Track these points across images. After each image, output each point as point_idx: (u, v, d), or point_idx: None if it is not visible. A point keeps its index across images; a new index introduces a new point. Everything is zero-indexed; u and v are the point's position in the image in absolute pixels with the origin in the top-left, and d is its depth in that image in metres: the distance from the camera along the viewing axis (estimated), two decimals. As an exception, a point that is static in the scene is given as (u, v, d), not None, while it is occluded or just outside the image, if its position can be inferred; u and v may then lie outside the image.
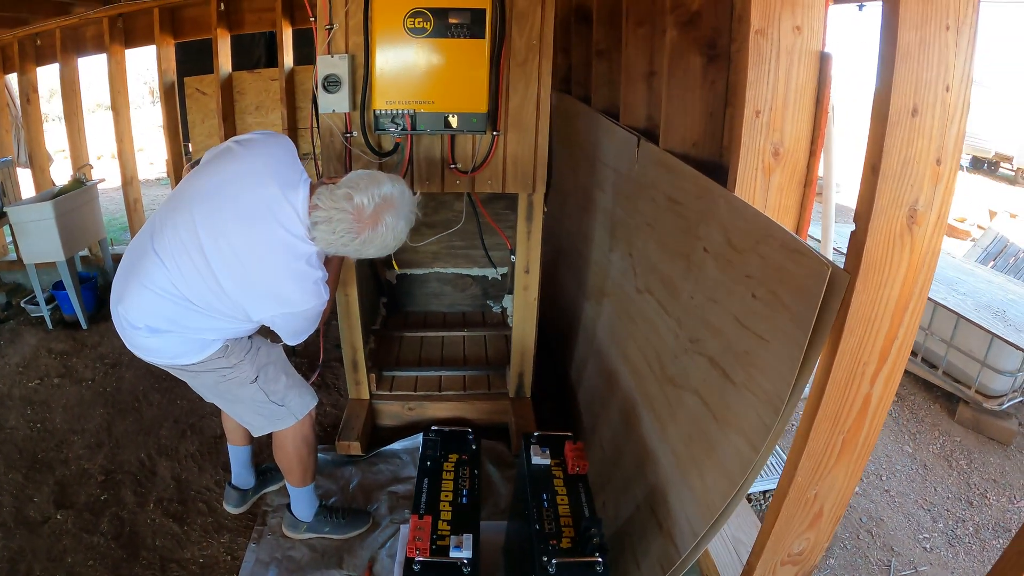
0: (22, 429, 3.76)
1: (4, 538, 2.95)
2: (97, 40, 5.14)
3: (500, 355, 3.52)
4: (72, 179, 5.05)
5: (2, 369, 4.48)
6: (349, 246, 1.92)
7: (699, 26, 2.26)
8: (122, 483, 3.17)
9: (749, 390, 1.65)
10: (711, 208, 1.94)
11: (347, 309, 3.04)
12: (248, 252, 1.87)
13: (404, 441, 3.13)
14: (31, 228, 4.61)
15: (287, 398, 2.32)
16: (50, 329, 4.97)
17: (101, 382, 4.15)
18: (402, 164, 2.66)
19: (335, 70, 2.51)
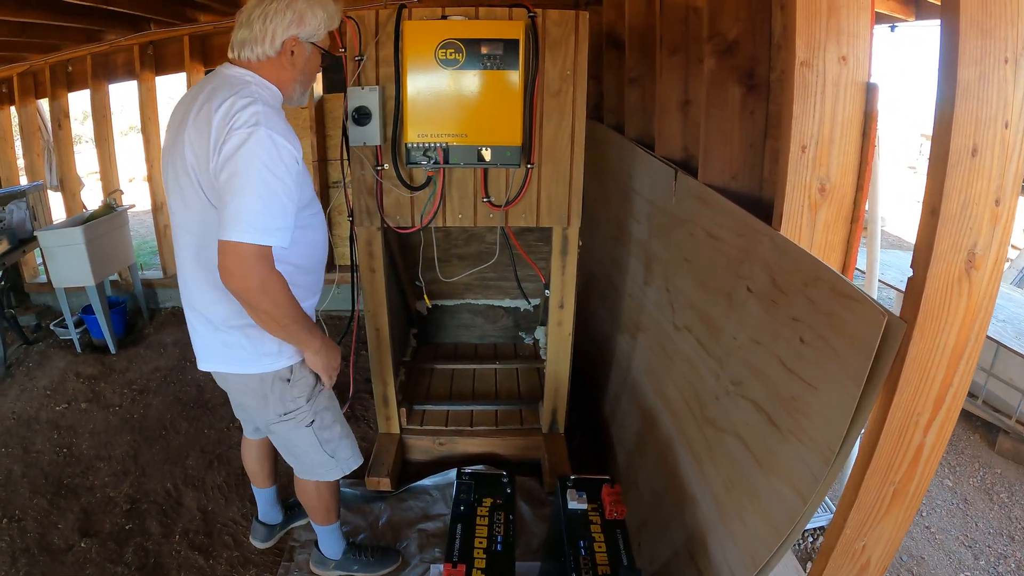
0: (48, 454, 3.79)
1: (28, 565, 2.96)
2: (128, 67, 5.26)
3: (532, 389, 3.49)
4: (103, 204, 5.15)
5: (30, 392, 4.55)
6: (288, 26, 1.87)
7: (737, 55, 2.24)
8: (148, 513, 3.18)
9: (796, 437, 1.60)
10: (754, 246, 1.90)
11: (378, 343, 3.03)
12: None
13: (435, 477, 3.09)
14: (61, 252, 4.70)
15: (338, 449, 2.28)
16: (79, 353, 5.04)
17: (128, 408, 4.18)
18: (435, 198, 2.66)
19: (365, 102, 2.51)
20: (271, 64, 1.90)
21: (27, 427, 4.12)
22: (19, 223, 5.15)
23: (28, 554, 3.04)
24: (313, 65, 2.00)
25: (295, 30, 1.87)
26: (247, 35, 1.87)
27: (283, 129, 1.76)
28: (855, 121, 1.90)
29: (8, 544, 3.11)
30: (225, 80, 1.85)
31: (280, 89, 1.94)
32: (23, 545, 3.10)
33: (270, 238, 1.69)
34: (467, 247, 3.31)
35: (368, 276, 2.90)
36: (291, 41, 1.88)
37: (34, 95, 5.82)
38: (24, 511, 3.34)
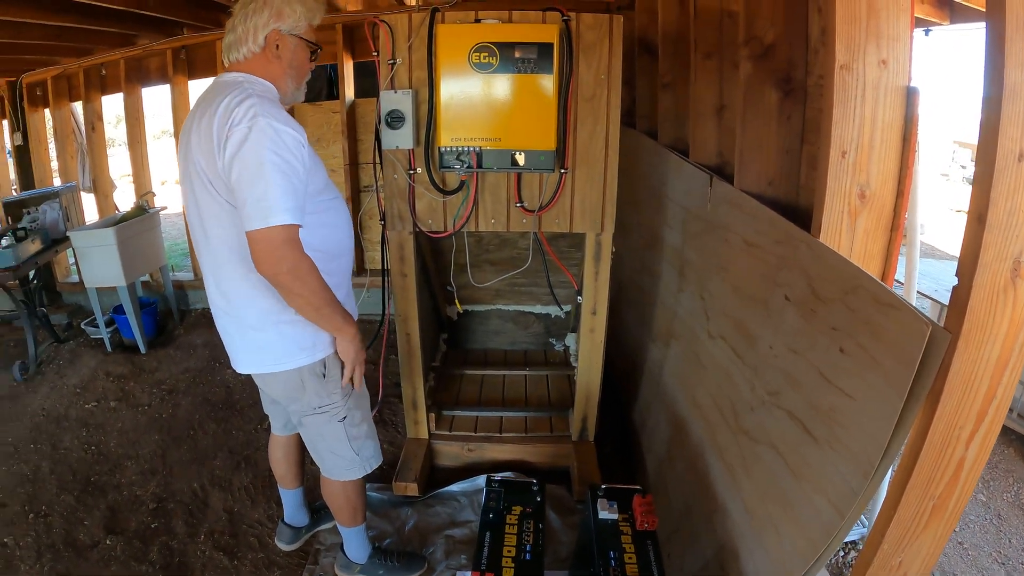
0: (77, 451, 3.86)
1: (52, 560, 3.02)
2: (161, 71, 5.36)
3: (563, 396, 3.49)
4: (135, 206, 5.26)
5: (60, 389, 4.65)
6: (267, 21, 1.95)
7: (773, 59, 2.23)
8: (174, 512, 3.22)
9: (833, 449, 1.59)
10: (792, 254, 1.89)
11: (408, 348, 3.05)
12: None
13: (463, 483, 3.10)
14: (93, 253, 4.80)
15: (363, 448, 2.34)
16: (109, 352, 5.14)
17: (157, 408, 4.24)
18: (468, 202, 2.68)
19: (398, 106, 2.53)
20: (258, 60, 1.99)
21: (56, 424, 4.20)
22: (52, 223, 5.26)
23: (53, 550, 3.09)
24: (300, 58, 2.05)
25: (275, 23, 1.95)
26: (232, 38, 1.98)
27: (281, 116, 1.82)
28: (895, 126, 1.88)
29: (34, 539, 3.17)
30: (220, 86, 1.93)
31: (273, 84, 2.00)
32: (49, 541, 3.15)
33: (292, 217, 1.76)
34: (499, 252, 3.31)
35: (399, 281, 2.92)
36: (273, 35, 1.96)
37: (68, 98, 5.97)
38: (51, 507, 3.40)
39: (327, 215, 2.06)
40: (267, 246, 1.74)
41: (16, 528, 3.30)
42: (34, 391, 4.72)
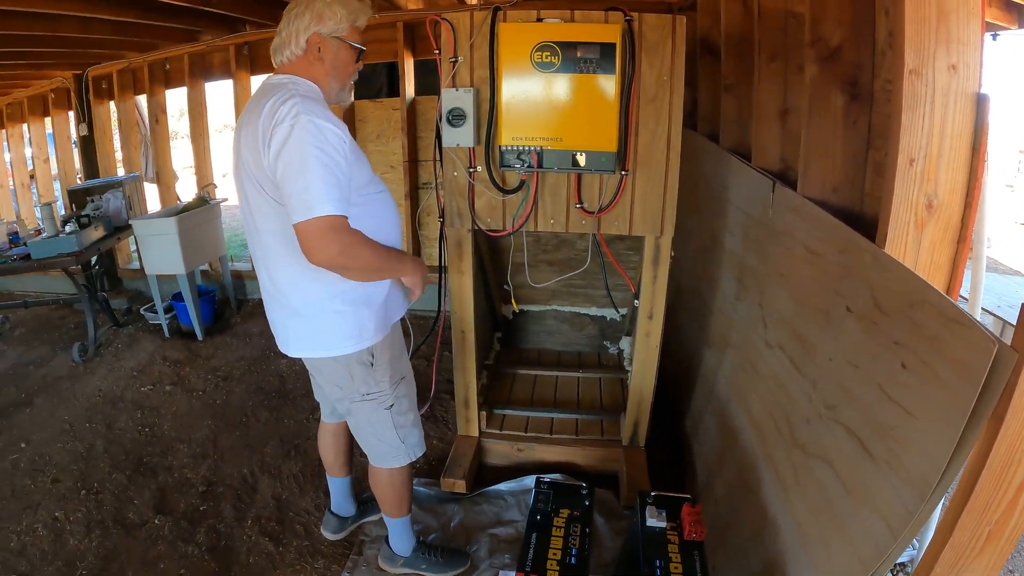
0: (131, 432, 4.01)
1: (101, 536, 3.14)
2: (224, 66, 5.52)
3: (615, 400, 3.49)
4: (197, 197, 5.45)
5: (118, 371, 4.84)
6: (308, 25, 2.02)
7: (840, 62, 2.19)
8: (223, 496, 3.31)
9: (891, 467, 1.56)
10: (856, 263, 1.86)
11: (463, 346, 3.09)
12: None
13: (510, 483, 3.12)
14: (154, 241, 4.99)
15: (408, 437, 2.40)
16: (166, 337, 5.33)
17: (212, 394, 4.37)
18: (527, 202, 2.70)
19: (460, 104, 2.56)
20: (302, 62, 2.07)
21: (112, 405, 4.38)
22: (115, 211, 5.46)
23: (102, 526, 3.21)
24: (342, 59, 2.11)
25: (316, 27, 2.03)
26: (278, 42, 2.09)
27: (323, 113, 1.90)
28: (965, 134, 1.84)
29: (84, 515, 3.30)
30: (267, 87, 2.02)
31: (317, 85, 2.07)
32: (99, 517, 3.28)
33: (335, 208, 1.83)
34: (556, 252, 3.32)
35: (456, 278, 2.96)
36: (315, 38, 2.04)
37: (132, 91, 6.21)
38: (103, 485, 3.54)
39: (373, 207, 2.12)
40: (314, 236, 1.82)
41: (67, 503, 3.44)
42: (92, 372, 4.92)
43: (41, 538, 3.22)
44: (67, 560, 3.04)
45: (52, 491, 3.58)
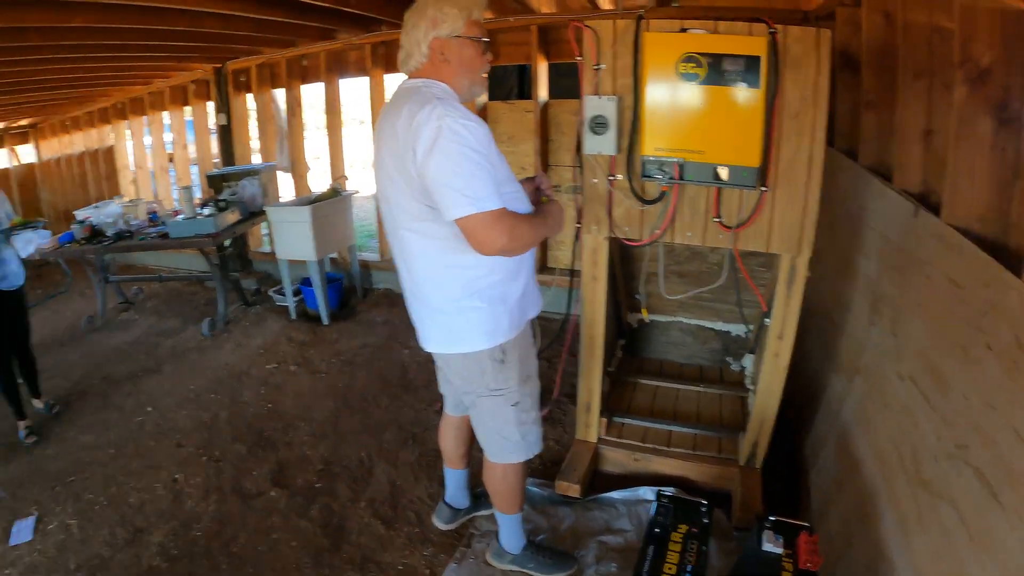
0: (254, 406, 4.28)
1: (218, 501, 3.37)
2: (359, 64, 5.77)
3: (734, 417, 3.45)
4: (329, 188, 5.75)
5: (245, 348, 5.18)
6: (426, 33, 2.11)
7: (989, 84, 2.10)
8: (339, 476, 3.47)
9: (1020, 518, 1.50)
10: (1000, 299, 1.80)
11: (591, 352, 3.12)
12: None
13: (624, 492, 3.12)
14: (288, 228, 5.31)
15: (528, 434, 2.47)
16: (293, 319, 5.64)
17: (335, 377, 4.58)
18: (666, 213, 2.71)
19: (603, 111, 2.61)
20: (430, 68, 2.16)
21: (237, 380, 4.69)
22: (251, 198, 5.84)
23: (220, 492, 3.45)
24: (468, 55, 2.17)
25: (433, 32, 2.11)
26: (403, 54, 2.21)
27: (465, 113, 1.99)
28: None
29: (203, 480, 3.56)
30: (403, 92, 2.14)
31: (448, 85, 2.16)
32: (217, 484, 3.52)
33: (495, 202, 1.95)
34: (688, 264, 3.31)
35: (589, 284, 3.01)
36: (436, 43, 2.13)
37: (270, 84, 6.58)
38: (223, 453, 3.79)
39: (510, 206, 2.15)
40: (483, 229, 1.94)
41: (188, 467, 3.71)
42: (219, 347, 5.31)
43: (160, 497, 3.48)
44: (183, 520, 3.28)
45: (174, 455, 3.87)
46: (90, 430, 4.34)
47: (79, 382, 5.19)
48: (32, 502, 3.65)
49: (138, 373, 5.13)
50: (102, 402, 4.74)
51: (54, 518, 3.47)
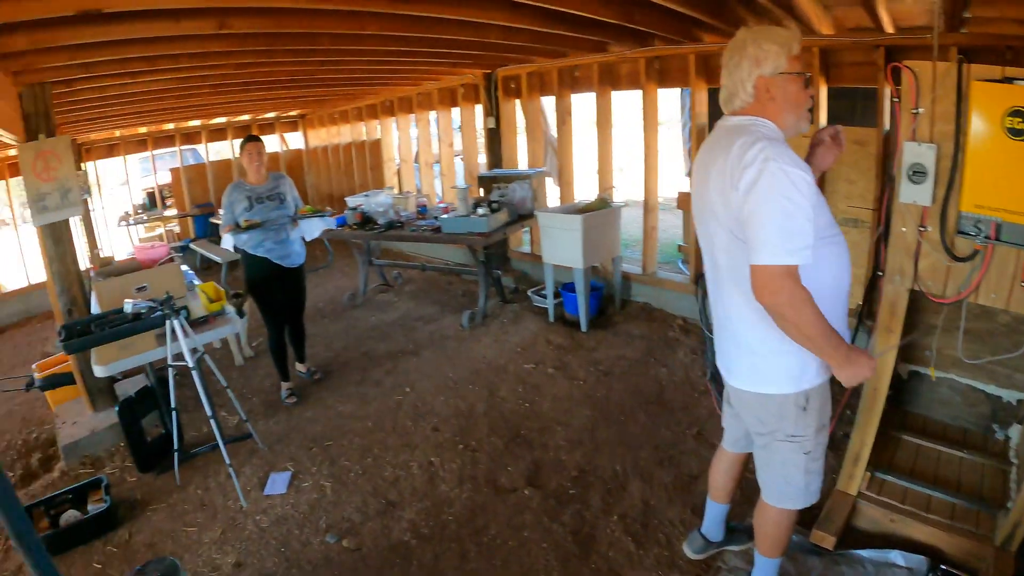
0: (511, 403, 4.51)
1: (472, 490, 3.58)
2: (631, 77, 5.85)
3: (994, 491, 3.15)
4: (597, 198, 5.91)
5: (503, 344, 5.49)
6: (749, 72, 2.13)
7: None
8: (592, 486, 3.54)
9: None
10: None
11: (872, 404, 3.04)
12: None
13: (874, 552, 2.99)
14: (557, 234, 5.55)
15: (811, 483, 2.43)
16: (550, 322, 5.85)
17: (592, 385, 4.68)
18: (976, 273, 2.57)
19: (921, 159, 2.51)
20: (756, 107, 2.16)
21: (495, 374, 4.98)
22: (520, 201, 6.19)
23: (474, 482, 3.67)
24: (792, 92, 2.14)
25: (756, 71, 2.11)
26: (726, 94, 2.22)
27: (789, 158, 1.97)
28: None
29: (458, 467, 3.80)
30: (728, 130, 2.16)
31: (773, 123, 2.15)
32: (471, 473, 3.75)
33: (792, 258, 1.94)
34: (976, 322, 3.08)
35: (884, 336, 2.91)
36: (760, 81, 2.12)
37: (539, 92, 6.89)
38: (480, 444, 4.03)
39: (827, 249, 2.14)
40: (767, 279, 1.96)
41: (444, 452, 3.99)
42: (477, 340, 5.68)
43: (414, 476, 3.79)
44: (435, 502, 3.54)
45: (430, 438, 4.20)
46: (349, 400, 4.87)
47: (340, 353, 5.85)
48: (288, 458, 4.15)
49: (397, 353, 5.65)
50: (361, 376, 5.29)
51: (308, 477, 3.92)
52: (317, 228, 5.00)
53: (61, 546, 3.46)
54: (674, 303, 5.82)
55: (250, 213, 4.64)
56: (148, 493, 4.00)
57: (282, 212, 4.75)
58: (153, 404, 4.44)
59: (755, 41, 2.13)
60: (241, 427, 4.54)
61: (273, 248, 4.71)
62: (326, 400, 4.91)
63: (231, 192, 4.70)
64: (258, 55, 4.82)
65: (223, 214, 4.73)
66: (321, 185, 11.76)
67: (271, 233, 4.69)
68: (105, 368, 3.86)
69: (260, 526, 3.53)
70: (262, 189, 4.73)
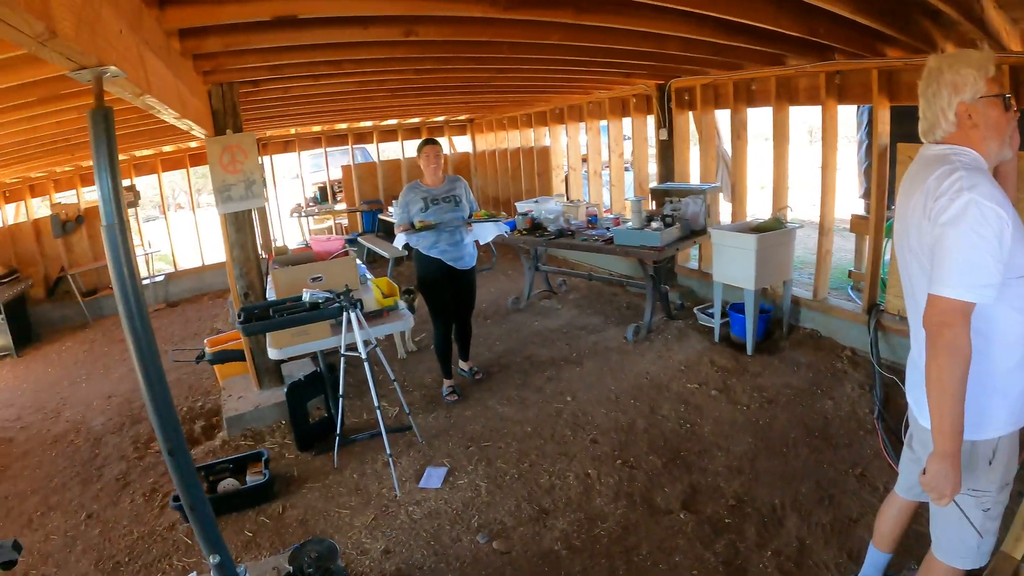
0: (671, 422, 4.49)
1: (626, 507, 3.59)
2: (809, 92, 5.63)
3: None
4: (772, 217, 5.75)
5: (666, 361, 5.48)
6: (949, 100, 2.03)
7: None
8: (749, 517, 3.44)
9: None
10: None
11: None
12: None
13: None
14: (730, 253, 5.48)
15: (984, 544, 2.29)
16: (715, 342, 5.77)
17: (755, 412, 4.55)
18: None
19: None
20: (958, 135, 2.06)
21: (657, 391, 4.98)
22: (693, 216, 6.15)
23: (630, 499, 3.67)
24: (993, 117, 2.03)
25: (957, 98, 2.01)
26: (926, 125, 2.13)
27: (986, 190, 1.88)
28: None
29: (615, 482, 3.83)
30: (928, 160, 2.09)
31: (976, 151, 2.04)
32: (628, 490, 3.75)
33: (970, 294, 1.87)
34: None
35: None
36: (961, 109, 2.02)
37: (713, 105, 6.75)
38: (638, 461, 4.04)
39: (1019, 290, 2.02)
40: (938, 310, 1.92)
41: (602, 465, 4.02)
42: (641, 354, 5.69)
43: (570, 487, 3.85)
44: (589, 515, 3.57)
45: (589, 449, 4.25)
46: (509, 403, 5.04)
47: (502, 356, 6.06)
48: (445, 454, 4.36)
49: (559, 361, 5.77)
50: (522, 380, 5.45)
51: (464, 475, 4.08)
52: (491, 232, 5.22)
53: (216, 511, 3.78)
54: (843, 332, 5.54)
55: (425, 214, 4.88)
56: (305, 471, 4.36)
57: (456, 215, 4.95)
58: (319, 389, 4.79)
59: (951, 67, 2.05)
60: (401, 419, 4.85)
61: (446, 250, 4.93)
62: (486, 401, 5.10)
63: (407, 192, 4.98)
64: (439, 61, 5.08)
65: (398, 212, 5.03)
66: (487, 188, 12.20)
67: (444, 235, 4.91)
68: (279, 351, 4.27)
69: (412, 517, 3.73)
70: (438, 191, 4.96)
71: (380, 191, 11.81)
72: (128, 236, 1.83)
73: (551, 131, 10.12)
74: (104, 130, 1.77)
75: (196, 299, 10.39)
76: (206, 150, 4.78)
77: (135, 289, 1.85)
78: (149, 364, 1.92)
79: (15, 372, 7.73)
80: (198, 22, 3.17)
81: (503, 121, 11.31)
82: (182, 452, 2.13)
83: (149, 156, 10.09)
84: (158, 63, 2.73)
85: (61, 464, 5.00)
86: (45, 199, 9.96)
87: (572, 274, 7.92)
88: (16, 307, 8.56)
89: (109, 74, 1.89)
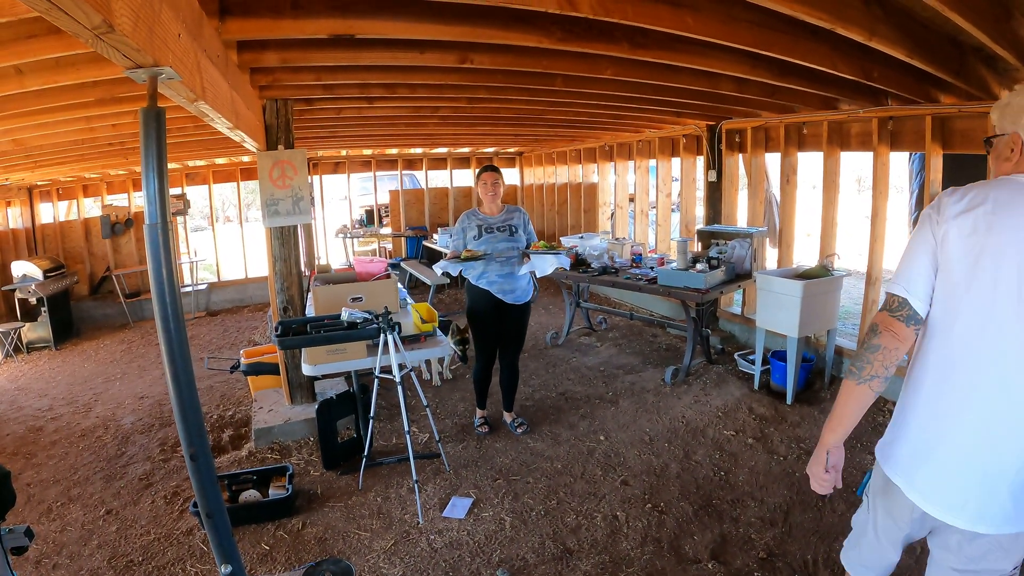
0: (705, 468, 4.35)
1: (653, 553, 3.48)
2: (861, 137, 5.55)
3: None
4: (819, 264, 5.62)
5: (703, 405, 5.35)
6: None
7: None
8: (780, 572, 3.30)
9: None
10: None
11: None
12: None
13: None
14: (775, 299, 5.35)
15: None
16: (755, 389, 5.63)
17: (792, 463, 4.39)
18: None
19: None
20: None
21: (693, 436, 4.84)
22: (739, 259, 6.05)
23: (658, 544, 3.54)
24: None
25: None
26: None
27: None
28: None
29: (643, 526, 3.71)
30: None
31: None
32: (656, 535, 3.63)
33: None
34: None
35: None
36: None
37: (764, 148, 6.70)
38: (668, 507, 3.91)
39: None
40: None
41: (631, 508, 3.90)
42: (678, 397, 5.56)
43: (597, 527, 3.74)
44: (613, 558, 3.46)
45: (619, 491, 4.13)
46: (541, 439, 4.93)
47: (536, 390, 5.96)
48: (472, 485, 4.26)
49: (594, 399, 5.67)
50: (556, 416, 5.35)
51: (489, 507, 3.99)
52: (550, 265, 4.80)
53: (235, 521, 3.70)
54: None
55: (477, 243, 4.72)
56: (328, 490, 4.33)
57: (511, 244, 4.77)
58: (350, 408, 4.77)
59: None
60: (430, 446, 4.78)
61: (495, 281, 4.73)
62: (517, 434, 5.02)
63: (464, 219, 4.84)
64: (492, 91, 5.12)
65: (453, 239, 4.88)
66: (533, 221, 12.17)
67: (495, 265, 4.72)
68: (313, 368, 4.26)
69: (433, 545, 3.66)
70: (494, 220, 4.80)
71: (426, 217, 11.93)
72: (170, 237, 1.83)
73: (599, 168, 10.13)
74: (155, 130, 1.78)
75: (236, 310, 10.57)
76: (257, 164, 4.87)
77: (172, 289, 1.85)
78: (179, 365, 1.91)
79: (52, 364, 7.95)
80: (256, 35, 3.21)
81: (552, 156, 11.38)
82: (204, 457, 2.11)
83: (202, 167, 10.40)
84: (215, 72, 2.77)
85: (87, 458, 5.08)
86: (97, 200, 10.34)
87: (613, 312, 7.85)
88: (59, 301, 8.88)
89: (164, 76, 1.90)
